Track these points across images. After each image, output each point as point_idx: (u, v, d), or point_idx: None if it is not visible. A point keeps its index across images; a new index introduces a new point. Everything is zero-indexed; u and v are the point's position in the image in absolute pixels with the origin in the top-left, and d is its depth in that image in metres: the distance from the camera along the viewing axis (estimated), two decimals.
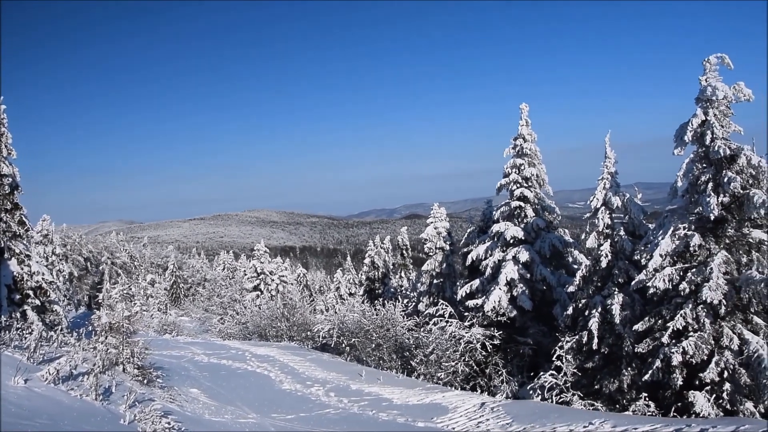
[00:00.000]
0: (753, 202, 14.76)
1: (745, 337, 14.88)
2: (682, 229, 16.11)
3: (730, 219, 15.73)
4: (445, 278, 29.77)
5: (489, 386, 21.21)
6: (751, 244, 15.59)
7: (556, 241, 23.11)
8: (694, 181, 16.20)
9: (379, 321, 23.39)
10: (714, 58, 15.75)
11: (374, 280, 47.40)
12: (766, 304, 15.00)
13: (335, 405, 16.06)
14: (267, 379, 19.24)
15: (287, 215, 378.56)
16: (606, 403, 17.55)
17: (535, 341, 22.29)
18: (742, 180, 15.27)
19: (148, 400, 11.50)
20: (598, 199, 19.33)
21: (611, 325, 18.23)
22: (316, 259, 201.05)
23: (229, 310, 41.85)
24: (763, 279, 14.44)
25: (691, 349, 15.03)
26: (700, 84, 15.90)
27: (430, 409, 15.51)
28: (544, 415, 13.64)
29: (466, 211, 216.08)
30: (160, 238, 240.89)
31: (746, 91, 15.61)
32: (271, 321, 31.36)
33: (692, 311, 15.45)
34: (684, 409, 15.17)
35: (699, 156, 16.18)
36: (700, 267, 15.55)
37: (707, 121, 15.75)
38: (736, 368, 14.99)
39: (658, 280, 15.96)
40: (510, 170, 23.57)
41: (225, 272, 67.17)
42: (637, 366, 17.58)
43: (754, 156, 15.32)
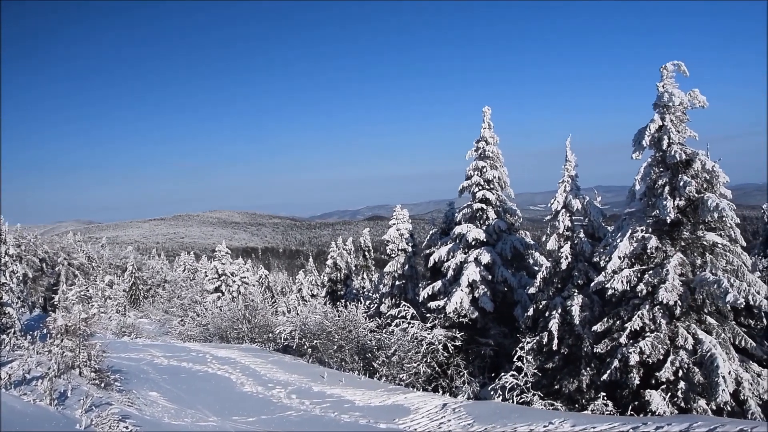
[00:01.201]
0: (707, 205, 15.15)
1: (699, 336, 15.26)
2: (639, 232, 16.45)
3: (685, 222, 16.12)
4: (408, 280, 29.84)
5: (451, 387, 21.33)
6: (705, 246, 16.00)
7: (517, 243, 23.35)
8: (652, 184, 16.56)
9: (342, 322, 23.35)
10: (671, 65, 16.14)
11: (336, 282, 47.31)
12: (719, 304, 15.40)
13: (297, 407, 15.98)
14: (228, 381, 19.07)
15: (249, 216, 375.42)
16: (566, 403, 17.81)
17: (496, 342, 22.48)
18: (697, 184, 15.66)
19: (105, 404, 11.31)
20: (559, 201, 19.59)
21: (571, 326, 18.50)
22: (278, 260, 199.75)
23: (189, 311, 41.34)
24: (716, 280, 14.81)
25: (648, 349, 15.35)
26: (657, 90, 16.27)
27: (392, 411, 15.53)
28: (505, 415, 13.77)
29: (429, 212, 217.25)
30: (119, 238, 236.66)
31: (701, 98, 16.02)
32: (233, 323, 31.07)
33: (649, 312, 15.78)
34: (641, 408, 15.47)
35: (656, 160, 16.54)
36: (657, 269, 15.90)
37: (664, 127, 16.12)
38: (690, 367, 15.36)
39: (617, 282, 16.26)
40: (472, 172, 23.73)
41: (186, 273, 66.28)
42: (596, 366, 17.88)
43: (708, 161, 15.73)
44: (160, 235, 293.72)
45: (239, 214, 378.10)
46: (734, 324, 15.92)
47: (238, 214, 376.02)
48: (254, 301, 34.93)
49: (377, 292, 33.23)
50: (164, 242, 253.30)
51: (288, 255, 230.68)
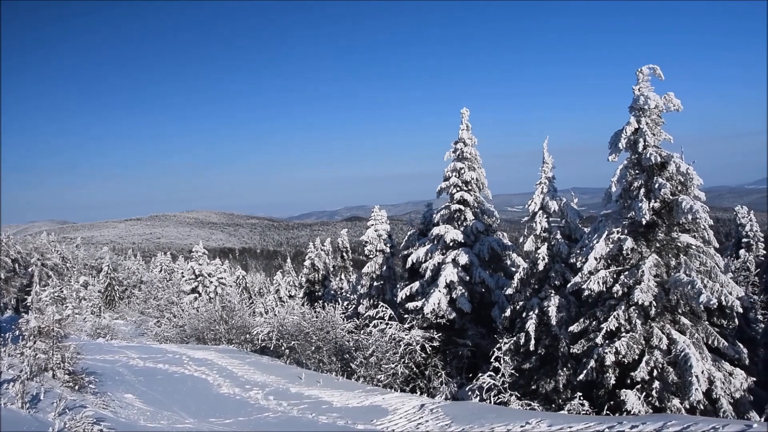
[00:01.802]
0: (681, 207, 15.36)
1: (673, 336, 15.46)
2: (615, 233, 16.61)
3: (660, 223, 16.32)
4: (386, 281, 29.85)
5: (428, 388, 21.37)
6: (679, 247, 16.21)
7: (495, 245, 23.47)
8: (628, 186, 16.74)
9: (319, 323, 23.29)
10: (647, 68, 16.35)
11: (314, 283, 47.22)
12: (693, 305, 15.62)
13: (274, 408, 15.91)
14: (205, 383, 18.92)
15: (226, 216, 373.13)
16: (542, 403, 17.94)
17: (473, 343, 22.57)
18: (672, 186, 15.87)
19: (79, 406, 11.18)
20: (536, 203, 19.73)
21: (548, 327, 18.64)
22: (256, 261, 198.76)
23: (166, 312, 40.96)
24: (690, 281, 15.02)
25: (624, 349, 15.51)
26: (633, 93, 16.46)
27: (369, 412, 15.53)
28: (482, 415, 13.83)
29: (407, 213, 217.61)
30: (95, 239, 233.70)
31: (675, 101, 16.25)
32: (210, 324, 30.85)
33: (625, 312, 15.95)
34: (616, 407, 15.64)
35: (632, 162, 16.73)
36: (633, 270, 16.07)
37: (640, 129, 16.31)
38: (665, 367, 15.57)
39: (593, 283, 16.41)
40: (450, 174, 23.80)
41: (162, 274, 65.73)
42: (573, 366, 18.03)
43: (682, 163, 15.96)
44: (136, 235, 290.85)
45: (216, 214, 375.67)
46: (707, 324, 16.16)
47: (216, 215, 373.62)
48: (231, 302, 34.69)
49: (355, 292, 33.21)
50: (140, 242, 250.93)
51: (266, 256, 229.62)
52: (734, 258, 32.60)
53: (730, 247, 36.42)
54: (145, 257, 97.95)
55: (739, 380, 15.74)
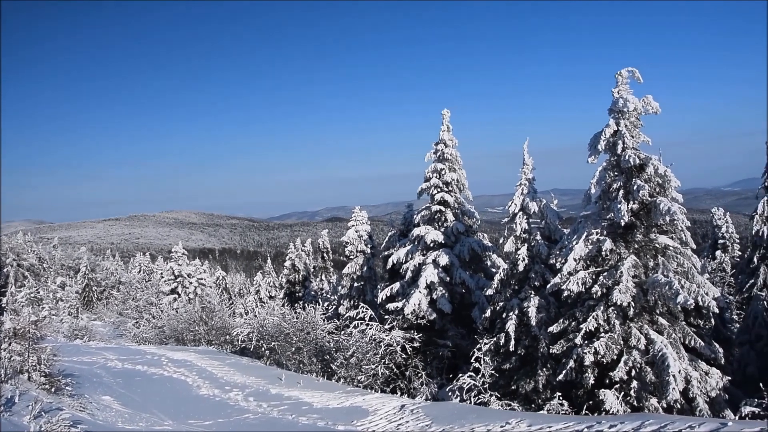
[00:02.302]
0: (659, 209, 15.53)
1: (651, 337, 15.61)
2: (594, 234, 16.75)
3: (638, 225, 16.47)
4: (366, 281, 29.84)
5: (409, 388, 21.40)
6: (657, 249, 16.38)
7: (475, 245, 23.55)
8: (607, 188, 16.88)
9: (300, 324, 23.22)
10: (626, 71, 16.50)
11: (295, 283, 47.08)
12: (670, 305, 15.80)
13: (254, 410, 15.83)
14: (184, 384, 18.79)
15: (206, 217, 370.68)
16: (522, 403, 18.04)
17: (454, 343, 22.63)
18: (650, 188, 16.04)
19: (55, 409, 11.03)
20: (516, 204, 19.83)
21: (527, 327, 18.74)
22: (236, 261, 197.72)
23: (144, 313, 40.64)
24: (668, 282, 15.18)
25: (602, 350, 15.63)
26: (612, 96, 16.61)
27: (350, 413, 15.51)
28: (462, 416, 13.87)
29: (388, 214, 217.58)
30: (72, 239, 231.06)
31: (654, 104, 16.42)
32: (189, 325, 30.65)
33: (603, 313, 16.08)
34: (595, 407, 15.77)
35: (611, 164, 16.87)
36: (611, 271, 16.21)
37: (619, 131, 16.45)
38: (643, 366, 15.72)
39: (572, 284, 16.52)
40: (431, 175, 23.85)
41: (141, 275, 65.08)
42: (552, 366, 18.14)
43: (660, 165, 16.14)
44: (115, 235, 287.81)
45: (196, 214, 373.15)
46: (684, 324, 16.34)
47: (195, 215, 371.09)
48: (211, 303, 34.51)
49: (336, 293, 33.18)
50: (119, 243, 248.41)
51: (246, 256, 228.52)
52: (711, 259, 33.04)
53: (707, 249, 36.87)
54: (124, 258, 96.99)
55: (715, 379, 15.95)
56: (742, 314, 25.14)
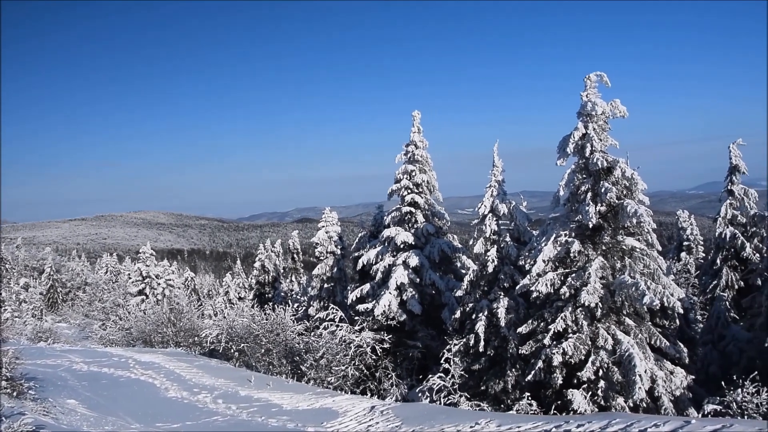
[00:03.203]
0: (626, 211, 15.77)
1: (618, 337, 15.84)
2: (563, 236, 16.94)
3: (606, 227, 16.71)
4: (336, 282, 29.80)
5: (379, 389, 21.40)
6: (624, 250, 16.62)
7: (445, 247, 23.65)
8: (575, 190, 17.10)
9: (269, 326, 23.08)
10: (594, 75, 16.74)
11: (264, 284, 46.82)
12: (637, 306, 16.05)
13: (223, 412, 15.68)
14: (151, 387, 18.54)
15: (175, 217, 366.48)
16: (492, 404, 18.17)
17: (424, 344, 22.70)
18: (618, 191, 16.28)
19: (17, 414, 10.80)
20: (486, 206, 19.96)
21: (497, 328, 18.88)
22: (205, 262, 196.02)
23: (111, 315, 40.00)
24: (635, 283, 15.42)
25: (571, 350, 15.82)
26: (581, 99, 16.83)
27: (320, 414, 15.45)
28: (432, 416, 13.90)
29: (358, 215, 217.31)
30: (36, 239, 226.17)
31: (621, 108, 16.68)
32: (157, 326, 30.24)
33: (572, 314, 16.28)
34: (563, 407, 15.93)
35: (579, 167, 17.09)
36: (580, 272, 16.41)
37: (587, 135, 16.67)
38: (610, 366, 15.94)
39: (541, 285, 16.68)
40: (401, 176, 23.91)
41: (108, 276, 64.13)
42: (521, 367, 18.30)
43: (628, 168, 16.39)
44: (81, 235, 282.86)
45: (165, 214, 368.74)
46: (650, 325, 16.63)
47: (164, 215, 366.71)
48: (180, 304, 34.09)
49: (306, 294, 33.06)
50: (85, 243, 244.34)
51: (215, 257, 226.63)
52: (676, 261, 33.57)
53: (672, 250, 37.47)
54: (90, 258, 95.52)
55: (680, 378, 16.25)
56: (705, 315, 25.59)
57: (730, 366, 20.68)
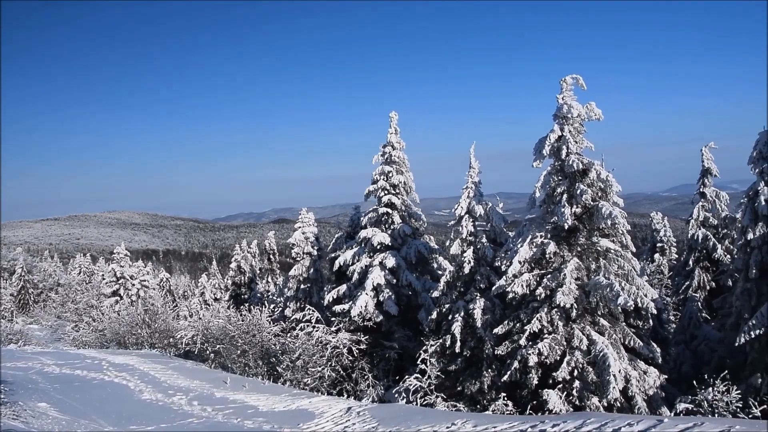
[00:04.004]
0: (601, 213, 15.93)
1: (593, 337, 15.99)
2: (539, 237, 17.06)
3: (581, 228, 16.87)
4: (313, 283, 29.73)
5: (355, 391, 21.38)
6: (599, 251, 16.79)
7: (421, 248, 23.69)
8: (551, 192, 17.23)
9: (245, 327, 22.97)
10: (570, 78, 16.88)
11: (240, 285, 46.51)
12: (611, 307, 16.21)
13: (198, 414, 15.58)
14: (125, 389, 18.35)
15: (150, 217, 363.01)
16: (468, 404, 18.23)
17: (400, 345, 22.72)
18: (593, 192, 16.44)
19: None
20: (463, 207, 20.03)
21: (473, 329, 18.95)
22: (181, 263, 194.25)
23: (85, 316, 39.49)
24: (609, 284, 15.58)
25: (546, 350, 15.93)
26: (557, 102, 16.97)
27: (296, 415, 15.42)
28: (408, 417, 13.94)
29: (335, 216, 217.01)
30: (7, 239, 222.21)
31: (597, 111, 16.86)
32: (131, 328, 29.98)
33: (547, 314, 16.39)
34: (539, 407, 16.04)
35: (555, 169, 17.23)
36: (555, 273, 16.54)
37: (563, 137, 16.82)
38: (585, 367, 16.09)
39: (517, 286, 16.78)
40: (378, 177, 23.90)
41: (81, 276, 63.36)
42: (497, 367, 18.40)
43: (603, 170, 16.55)
44: (54, 236, 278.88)
45: (139, 215, 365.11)
46: (624, 325, 16.80)
47: (139, 215, 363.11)
48: (154, 305, 33.84)
49: (282, 295, 32.93)
50: (58, 243, 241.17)
51: (190, 258, 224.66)
52: (649, 262, 33.96)
53: (646, 252, 37.88)
54: (63, 259, 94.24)
55: (653, 378, 16.45)
56: (678, 315, 25.94)
57: (701, 365, 20.99)
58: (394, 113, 24.27)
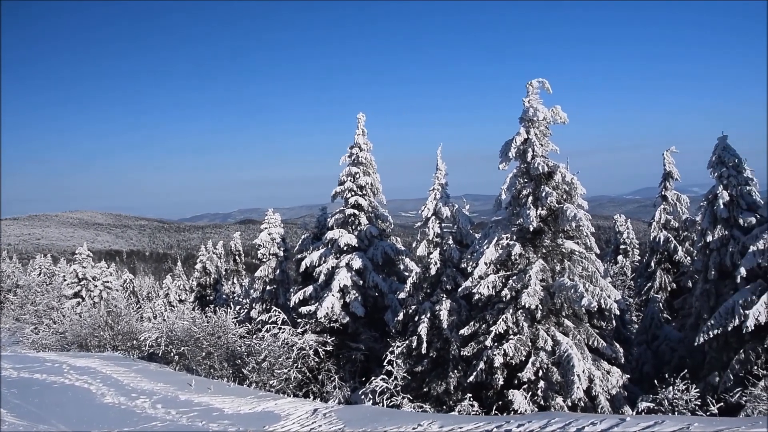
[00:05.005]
0: (566, 215, 16.14)
1: (558, 338, 16.19)
2: (505, 239, 17.21)
3: (546, 230, 17.06)
4: (279, 285, 29.56)
5: (322, 392, 21.31)
6: (563, 253, 17.00)
7: (388, 249, 23.73)
8: (517, 194, 17.40)
9: (210, 328, 22.71)
10: (536, 82, 17.08)
11: (206, 287, 46.04)
12: (576, 308, 16.43)
13: (162, 417, 15.35)
14: (87, 392, 17.99)
15: (114, 217, 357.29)
16: (434, 405, 18.30)
17: (367, 347, 22.72)
18: (558, 195, 16.65)
19: None
20: (429, 209, 20.10)
21: (439, 330, 19.03)
22: (145, 264, 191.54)
23: (45, 318, 38.68)
24: (573, 285, 15.78)
25: (511, 351, 16.08)
26: (523, 105, 17.15)
27: (262, 418, 15.29)
28: (375, 419, 13.93)
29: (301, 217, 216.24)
30: None
31: (562, 114, 17.09)
32: (94, 330, 29.40)
33: (513, 316, 16.55)
34: (504, 407, 16.18)
35: (521, 171, 17.40)
36: (520, 274, 16.70)
37: (529, 140, 17.00)
38: (549, 367, 16.27)
39: (483, 287, 16.90)
40: (345, 178, 23.88)
41: (41, 278, 61.95)
42: (463, 368, 18.50)
43: (567, 173, 16.78)
44: (13, 236, 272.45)
45: (102, 215, 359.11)
46: (588, 326, 17.05)
47: (102, 215, 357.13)
48: (118, 307, 33.26)
49: (248, 297, 32.69)
50: (17, 244, 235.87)
51: (155, 258, 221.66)
52: (613, 263, 34.49)
53: (609, 253, 38.43)
54: (23, 259, 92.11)
55: (616, 378, 16.71)
56: (640, 316, 26.37)
57: (662, 365, 21.38)
58: (361, 114, 24.27)
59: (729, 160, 18.13)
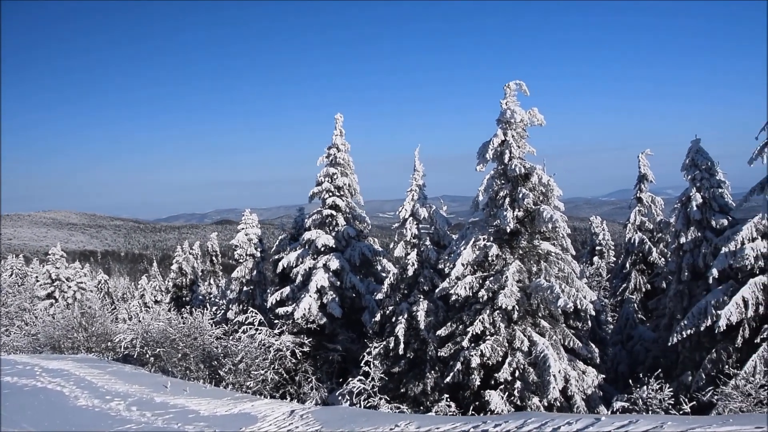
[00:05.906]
0: (543, 216, 16.26)
1: (534, 339, 16.30)
2: (482, 240, 17.29)
3: (523, 231, 17.18)
4: (256, 285, 29.41)
5: (299, 393, 21.25)
6: (540, 254, 17.13)
7: (366, 250, 23.73)
8: (494, 195, 17.50)
9: (187, 330, 22.53)
10: (514, 84, 17.20)
11: (182, 287, 45.66)
12: (552, 309, 16.55)
13: (137, 420, 15.20)
14: (60, 395, 17.75)
15: (88, 217, 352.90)
16: (411, 406, 18.33)
17: (344, 348, 22.69)
18: (534, 196, 16.77)
19: None
20: (407, 210, 20.14)
21: (417, 331, 19.07)
22: (120, 264, 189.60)
23: (16, 320, 38.11)
24: (550, 286, 15.91)
25: (488, 352, 16.16)
26: (501, 106, 17.25)
27: (238, 419, 15.20)
28: (352, 419, 13.92)
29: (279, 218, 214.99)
30: None
31: (539, 117, 17.22)
32: (67, 331, 29.04)
33: (489, 316, 16.63)
34: (481, 408, 16.26)
35: (498, 173, 17.51)
36: (497, 275, 16.79)
37: (506, 141, 17.11)
38: (526, 367, 16.38)
39: (460, 288, 16.97)
40: (323, 179, 23.84)
41: (13, 278, 60.87)
42: (440, 369, 18.55)
43: (544, 175, 16.92)
44: None
45: (77, 214, 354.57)
46: (564, 326, 17.19)
47: (76, 215, 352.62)
48: (92, 308, 32.88)
49: (224, 298, 32.47)
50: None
51: (130, 259, 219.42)
52: (589, 264, 34.85)
53: (585, 255, 38.83)
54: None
55: (591, 378, 16.86)
56: (615, 316, 26.64)
57: (637, 365, 21.62)
58: (339, 115, 24.24)
59: (702, 163, 18.40)
